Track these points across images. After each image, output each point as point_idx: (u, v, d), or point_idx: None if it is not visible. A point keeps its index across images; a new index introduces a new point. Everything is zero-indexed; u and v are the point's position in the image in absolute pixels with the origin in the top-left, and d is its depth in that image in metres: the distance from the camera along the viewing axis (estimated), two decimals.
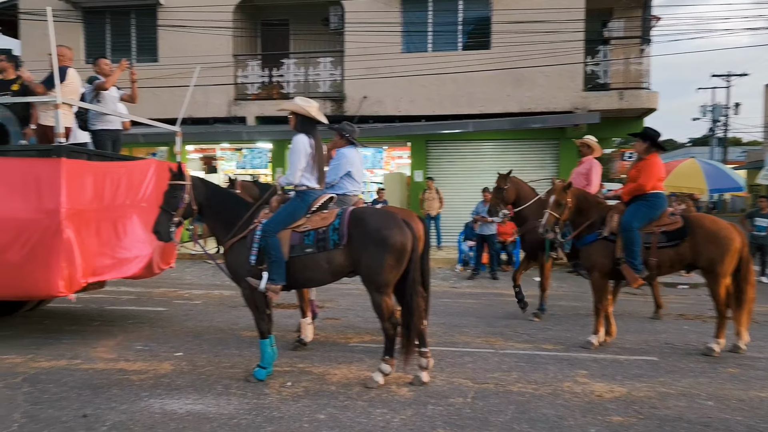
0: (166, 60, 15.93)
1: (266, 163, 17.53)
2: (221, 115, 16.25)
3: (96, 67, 7.50)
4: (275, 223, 5.13)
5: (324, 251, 5.08)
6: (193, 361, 5.83)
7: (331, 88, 16.04)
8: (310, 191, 5.27)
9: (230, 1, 15.65)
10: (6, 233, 5.91)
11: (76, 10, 16.44)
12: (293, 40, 17.20)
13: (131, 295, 9.63)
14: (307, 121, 5.25)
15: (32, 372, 5.43)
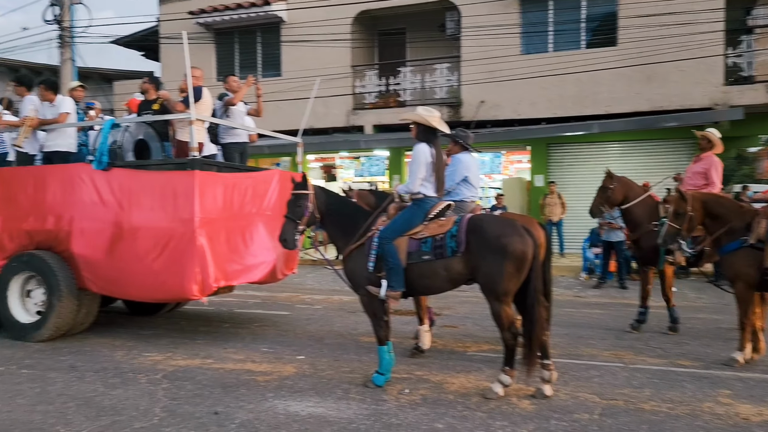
0: (289, 74, 16.67)
1: (383, 171, 17.80)
2: (340, 125, 16.71)
3: (226, 84, 7.95)
4: (392, 230, 5.15)
5: (441, 259, 5.03)
6: (314, 365, 5.98)
7: (448, 94, 15.99)
8: (427, 199, 5.25)
9: (348, 14, 16.06)
10: (148, 240, 6.44)
11: (209, 31, 17.64)
12: (410, 48, 17.35)
13: (257, 299, 10.10)
14: (428, 131, 5.24)
15: (170, 369, 5.82)
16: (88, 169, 6.83)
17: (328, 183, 18.47)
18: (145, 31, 19.14)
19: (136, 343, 6.89)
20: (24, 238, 7.08)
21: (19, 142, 7.34)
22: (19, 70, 20.57)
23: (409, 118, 5.34)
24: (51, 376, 5.60)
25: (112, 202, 6.69)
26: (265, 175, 7.73)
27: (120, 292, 7.06)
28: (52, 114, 7.41)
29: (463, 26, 15.35)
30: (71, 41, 14.66)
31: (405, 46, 17.46)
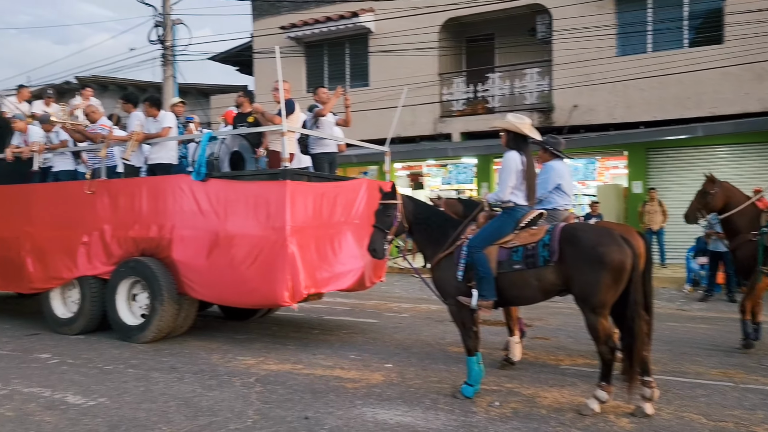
0: (376, 83, 16.86)
1: (471, 178, 17.61)
2: (427, 133, 16.70)
3: (315, 96, 8.13)
4: (481, 239, 5.06)
5: (533, 268, 4.88)
6: (402, 373, 5.95)
7: (539, 99, 15.61)
8: (518, 207, 5.13)
9: (436, 22, 16.06)
10: (242, 248, 6.68)
11: (299, 45, 18.17)
12: (498, 54, 17.11)
13: (345, 306, 10.23)
14: (519, 138, 5.15)
15: (263, 373, 5.98)
16: (187, 180, 7.18)
17: (415, 191, 18.50)
18: (240, 47, 19.99)
19: (231, 347, 7.14)
20: (130, 245, 7.53)
21: (126, 155, 7.82)
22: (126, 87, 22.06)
23: (499, 126, 5.26)
24: (154, 375, 5.90)
25: (210, 211, 6.98)
26: (353, 184, 7.83)
27: (216, 297, 7.35)
28: (156, 128, 7.84)
29: (555, 29, 14.96)
30: (173, 59, 15.53)
31: (493, 52, 17.23)
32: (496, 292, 4.99)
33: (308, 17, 17.49)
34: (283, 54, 7.32)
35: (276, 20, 18.10)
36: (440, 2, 15.56)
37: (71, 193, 8.07)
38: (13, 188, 8.75)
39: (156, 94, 12.27)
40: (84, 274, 7.75)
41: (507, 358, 6.19)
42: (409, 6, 15.72)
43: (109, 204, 7.70)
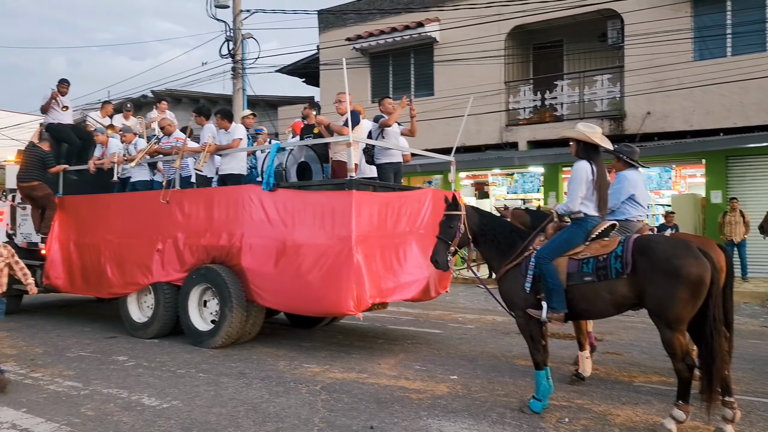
0: (441, 93, 16.82)
1: (538, 188, 17.27)
2: (493, 142, 16.51)
3: (381, 107, 8.19)
4: (550, 250, 4.95)
5: (605, 280, 4.72)
6: (467, 386, 5.87)
7: (609, 106, 15.17)
8: (588, 218, 4.99)
9: (502, 30, 15.90)
10: (309, 257, 6.78)
11: (364, 56, 18.37)
12: (567, 61, 16.76)
13: (410, 316, 10.20)
14: (589, 147, 5.04)
15: (328, 382, 6.03)
16: (257, 189, 7.36)
17: (480, 201, 18.32)
18: (306, 59, 20.41)
19: (297, 354, 7.25)
20: (202, 253, 7.77)
21: (199, 166, 8.10)
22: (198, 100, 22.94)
23: (569, 135, 5.16)
24: (223, 381, 6.05)
25: (277, 221, 7.13)
26: (419, 194, 7.82)
27: (282, 305, 7.48)
28: (227, 140, 8.09)
29: (627, 34, 14.51)
30: (243, 72, 16.01)
31: (562, 59, 16.89)
32: (566, 304, 4.86)
33: (373, 28, 17.67)
34: (349, 65, 7.41)
35: (342, 32, 18.39)
36: (507, 10, 15.39)
37: (147, 202, 8.43)
38: (95, 198, 9.22)
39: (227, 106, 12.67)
40: (158, 280, 8.06)
41: (577, 373, 6.01)
42: (475, 15, 15.63)
43: (183, 213, 7.99)
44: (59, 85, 10.32)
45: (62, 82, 10.36)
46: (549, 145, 15.41)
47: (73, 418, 5.01)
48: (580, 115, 15.29)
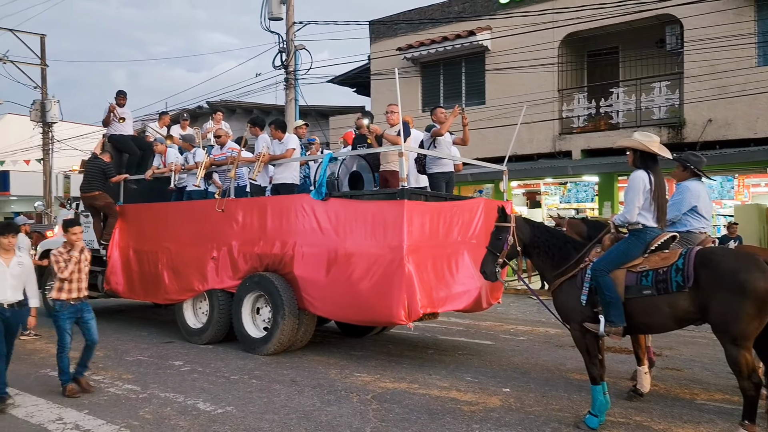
0: (493, 101, 16.68)
1: (592, 197, 16.89)
2: (545, 151, 16.26)
3: (433, 116, 8.17)
4: (607, 262, 4.83)
5: (665, 294, 4.57)
6: (520, 399, 5.77)
7: (667, 113, 14.72)
8: (647, 229, 4.85)
9: (556, 37, 15.68)
10: (360, 266, 6.80)
11: (415, 65, 18.40)
12: (622, 67, 16.37)
13: (460, 326, 10.10)
14: (646, 157, 4.91)
15: (379, 391, 6.02)
16: (309, 199, 7.44)
17: (531, 210, 18.04)
18: (357, 69, 20.58)
19: (348, 363, 7.27)
20: (255, 261, 7.91)
21: (253, 175, 8.26)
22: (252, 110, 23.43)
23: (625, 145, 5.04)
24: (275, 387, 6.12)
25: (329, 230, 7.19)
26: (471, 204, 7.76)
27: (333, 314, 7.53)
28: (281, 150, 8.23)
29: (686, 39, 14.08)
30: (295, 83, 16.27)
31: (617, 66, 16.51)
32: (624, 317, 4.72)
33: (424, 38, 17.68)
34: (400, 75, 7.43)
35: (393, 42, 18.48)
36: (561, 17, 15.17)
37: (203, 211, 8.63)
38: (154, 206, 9.52)
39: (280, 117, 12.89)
40: (213, 287, 8.24)
41: (635, 389, 5.82)
42: (528, 23, 15.45)
43: (237, 222, 8.15)
44: (117, 97, 10.71)
45: (119, 94, 10.74)
46: (604, 154, 15.06)
47: (132, 420, 5.16)
48: (636, 123, 14.90)
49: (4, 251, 5.70)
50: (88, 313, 6.09)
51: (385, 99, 17.77)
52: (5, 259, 5.68)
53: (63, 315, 5.93)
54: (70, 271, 5.91)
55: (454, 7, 17.71)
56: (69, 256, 5.98)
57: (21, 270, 5.72)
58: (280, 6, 15.79)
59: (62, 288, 5.93)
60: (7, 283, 5.61)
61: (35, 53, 24.34)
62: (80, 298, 6.02)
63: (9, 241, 5.67)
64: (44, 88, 24.48)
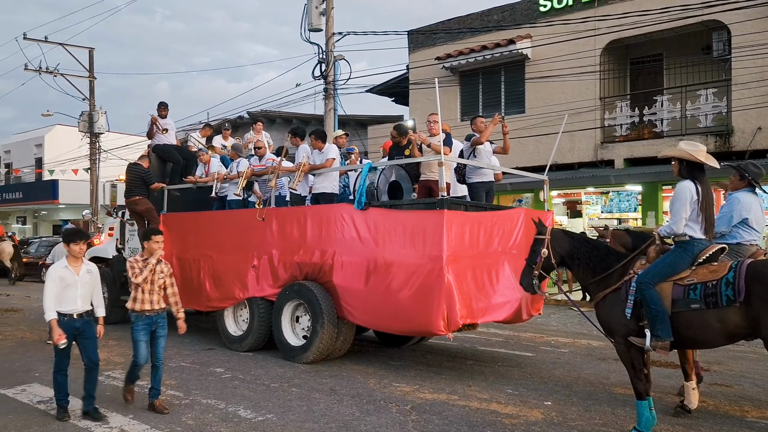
0: (532, 110, 16.52)
1: (635, 207, 16.54)
2: (586, 160, 16.01)
3: (473, 126, 8.14)
4: (653, 275, 4.72)
5: (714, 308, 4.43)
6: (563, 413, 5.66)
7: (714, 121, 14.34)
8: (694, 241, 4.72)
9: (598, 45, 15.46)
10: (399, 275, 6.80)
11: (454, 74, 18.37)
12: (667, 75, 16.03)
13: (500, 337, 9.98)
14: (693, 167, 4.78)
15: (418, 402, 5.99)
16: (349, 208, 7.48)
17: (572, 219, 17.77)
18: (396, 78, 20.66)
19: (387, 373, 7.25)
20: (295, 269, 7.97)
21: (294, 185, 8.35)
22: (291, 120, 23.75)
23: (670, 155, 4.93)
24: (315, 396, 6.15)
25: (368, 239, 7.21)
26: (511, 214, 7.69)
27: (372, 323, 7.53)
28: (320, 160, 8.30)
29: (734, 46, 13.71)
30: (334, 93, 16.42)
31: (661, 73, 16.17)
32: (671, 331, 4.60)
33: (463, 47, 17.65)
34: (439, 84, 7.43)
35: (431, 51, 18.49)
36: (603, 25, 14.95)
37: (244, 220, 8.76)
38: (196, 215, 9.70)
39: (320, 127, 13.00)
40: (253, 295, 8.33)
41: (682, 405, 5.65)
42: (569, 30, 15.28)
43: (277, 230, 8.24)
44: (158, 108, 10.97)
45: (161, 106, 11.00)
46: (648, 163, 14.75)
47: (176, 426, 5.24)
48: (681, 131, 14.57)
49: (74, 259, 5.46)
50: (161, 329, 5.79)
51: (423, 108, 17.80)
52: (75, 268, 5.45)
53: (137, 326, 5.67)
54: (144, 278, 5.63)
55: (494, 16, 17.64)
56: (145, 263, 5.73)
57: (90, 278, 5.51)
58: (319, 17, 15.99)
59: (136, 298, 5.66)
60: (77, 293, 5.39)
61: (84, 66, 25.19)
62: (155, 310, 5.73)
63: (80, 248, 5.43)
64: (92, 99, 25.30)
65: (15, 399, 6.15)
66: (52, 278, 5.36)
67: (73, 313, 5.37)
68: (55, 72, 24.40)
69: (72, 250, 5.42)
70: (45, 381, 6.83)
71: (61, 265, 5.46)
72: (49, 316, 5.26)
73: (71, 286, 5.37)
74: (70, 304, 5.37)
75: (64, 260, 5.48)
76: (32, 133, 36.94)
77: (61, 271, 5.40)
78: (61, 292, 5.33)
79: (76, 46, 25.32)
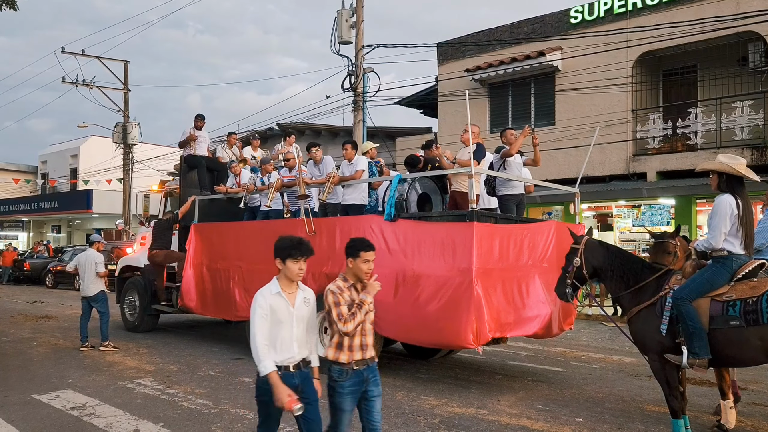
0: (562, 122, 16.37)
1: (668, 221, 16.22)
2: (618, 173, 15.77)
3: (503, 138, 8.10)
4: (690, 290, 4.62)
5: (755, 326, 4.31)
6: (595, 429, 5.55)
7: (750, 134, 14.03)
8: (732, 256, 4.62)
9: (629, 57, 15.28)
10: (428, 288, 6.77)
11: (483, 86, 18.33)
12: (701, 87, 15.76)
13: (529, 352, 9.85)
14: (733, 180, 4.69)
15: (447, 416, 5.93)
16: (378, 220, 7.48)
17: (602, 233, 17.52)
18: (425, 91, 20.68)
19: (415, 386, 7.20)
20: (323, 280, 7.97)
21: (323, 196, 8.39)
22: (320, 132, 23.92)
23: (710, 168, 4.83)
24: None
25: (397, 251, 7.19)
26: (542, 227, 7.61)
27: (401, 335, 7.49)
28: (349, 171, 8.33)
29: None
30: (363, 105, 16.51)
31: (695, 85, 15.90)
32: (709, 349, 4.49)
33: (493, 59, 17.60)
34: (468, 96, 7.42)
35: (461, 64, 18.49)
36: (635, 36, 14.79)
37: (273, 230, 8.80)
38: (226, 225, 9.81)
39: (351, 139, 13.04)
40: None
41: (719, 424, 5.49)
42: (601, 42, 15.14)
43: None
44: (195, 119, 11.16)
45: (198, 118, 11.20)
46: (681, 176, 14.47)
47: None
48: (716, 144, 14.28)
49: (288, 282, 3.79)
50: (375, 385, 3.89)
51: (452, 120, 17.77)
52: (289, 295, 3.76)
53: (342, 387, 3.77)
54: (356, 324, 3.77)
55: (524, 28, 17.57)
56: (360, 305, 3.84)
57: (307, 310, 3.85)
58: (349, 30, 16.13)
59: (341, 344, 3.83)
60: (293, 332, 3.71)
61: (119, 79, 25.78)
62: (366, 360, 3.85)
63: (300, 267, 3.76)
64: (126, 111, 25.85)
65: (49, 404, 6.27)
66: (261, 309, 3.66)
67: (289, 365, 3.70)
68: (91, 84, 25.01)
69: (290, 270, 3.75)
70: (78, 387, 6.96)
71: (271, 290, 3.75)
72: (267, 367, 3.55)
73: (285, 323, 3.70)
74: (285, 350, 3.70)
75: (275, 283, 3.79)
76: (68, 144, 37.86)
77: (273, 300, 3.71)
78: (272, 331, 3.68)
79: (111, 59, 25.94)
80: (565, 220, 15.10)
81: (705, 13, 13.85)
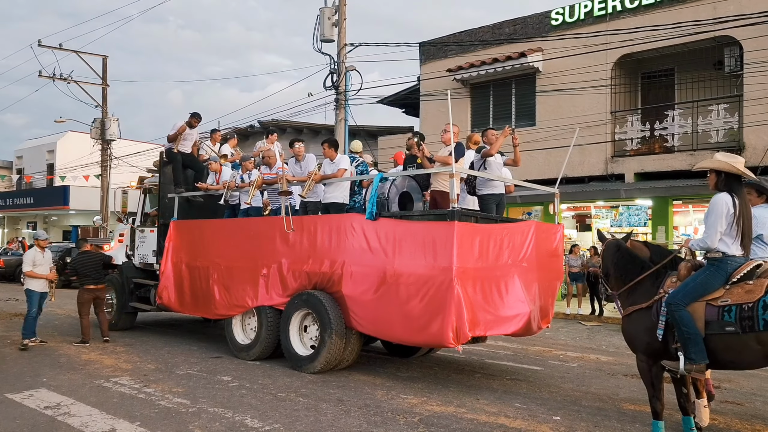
0: (543, 123, 16.51)
1: (645, 221, 16.44)
2: (597, 173, 15.95)
3: (484, 138, 8.13)
4: (683, 295, 4.60)
5: (751, 332, 4.31)
6: (572, 428, 5.60)
7: (726, 137, 14.27)
8: (728, 258, 4.58)
9: (609, 59, 15.45)
10: (408, 286, 6.78)
11: (465, 86, 18.40)
12: (678, 90, 15.99)
13: (508, 350, 9.92)
14: (731, 179, 4.66)
15: (426, 414, 5.94)
16: (359, 218, 7.48)
17: (581, 233, 17.71)
18: (407, 90, 20.70)
19: (394, 384, 7.22)
20: (304, 279, 7.97)
21: (304, 193, 8.35)
22: (302, 130, 23.83)
23: (709, 166, 4.78)
24: (322, 407, 6.12)
25: (378, 249, 7.19)
26: (522, 227, 7.67)
27: (381, 333, 7.51)
28: (331, 170, 8.31)
29: (746, 62, 13.66)
30: (345, 104, 16.47)
31: (673, 88, 16.13)
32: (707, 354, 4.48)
33: (475, 59, 17.69)
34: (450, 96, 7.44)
35: (443, 63, 18.54)
36: (614, 39, 14.96)
37: (254, 228, 8.77)
38: (206, 223, 9.72)
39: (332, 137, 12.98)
40: (262, 304, 8.33)
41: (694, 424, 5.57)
42: (581, 44, 15.29)
43: (287, 239, 8.23)
44: (192, 118, 10.80)
45: (194, 117, 10.83)
46: (658, 177, 14.69)
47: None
48: (692, 146, 14.51)
49: None
50: None
51: (434, 119, 17.81)
52: None
53: None
54: None
55: (505, 29, 17.68)
56: None
57: None
58: (332, 28, 16.08)
59: None
60: None
61: (97, 73, 25.41)
62: None
63: None
64: (105, 106, 25.50)
65: (22, 404, 6.17)
66: None
67: None
68: (68, 79, 24.62)
69: None
70: (52, 386, 6.86)
71: None
72: None
73: None
74: None
75: None
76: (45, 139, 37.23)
77: None
78: None
79: (90, 54, 25.58)
80: (545, 220, 15.23)
81: (683, 17, 14.06)
